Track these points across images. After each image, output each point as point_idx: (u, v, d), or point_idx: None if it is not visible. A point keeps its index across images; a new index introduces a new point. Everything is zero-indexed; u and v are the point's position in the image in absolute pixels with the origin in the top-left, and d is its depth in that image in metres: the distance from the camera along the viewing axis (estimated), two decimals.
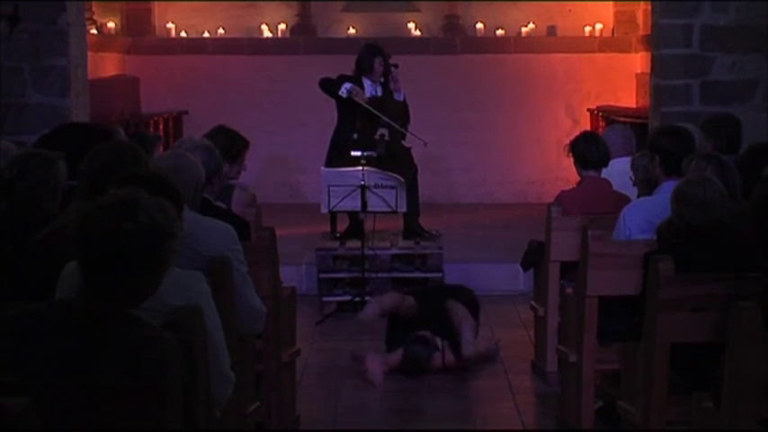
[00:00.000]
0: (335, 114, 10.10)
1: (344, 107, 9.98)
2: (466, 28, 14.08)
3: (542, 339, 7.29)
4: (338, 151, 9.91)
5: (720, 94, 9.15)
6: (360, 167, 9.01)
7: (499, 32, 13.90)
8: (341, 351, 7.97)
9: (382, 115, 9.84)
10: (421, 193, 10.31)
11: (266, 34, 14.06)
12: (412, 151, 10.20)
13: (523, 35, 13.93)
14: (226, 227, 4.85)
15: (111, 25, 13.52)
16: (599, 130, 11.40)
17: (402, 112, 10.08)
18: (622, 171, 6.93)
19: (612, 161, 7.09)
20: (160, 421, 3.05)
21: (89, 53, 9.60)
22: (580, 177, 7.10)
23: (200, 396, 3.42)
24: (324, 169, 9.34)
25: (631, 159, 6.83)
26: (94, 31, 12.29)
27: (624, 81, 13.66)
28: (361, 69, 10.01)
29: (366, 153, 9.46)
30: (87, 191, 4.49)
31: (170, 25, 14.07)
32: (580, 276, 5.85)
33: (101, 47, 12.57)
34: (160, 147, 7.14)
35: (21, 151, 5.39)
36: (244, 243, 5.01)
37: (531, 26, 13.95)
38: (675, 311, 4.79)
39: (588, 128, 12.60)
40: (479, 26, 13.98)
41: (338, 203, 9.01)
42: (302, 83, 12.19)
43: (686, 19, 9.16)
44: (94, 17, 12.55)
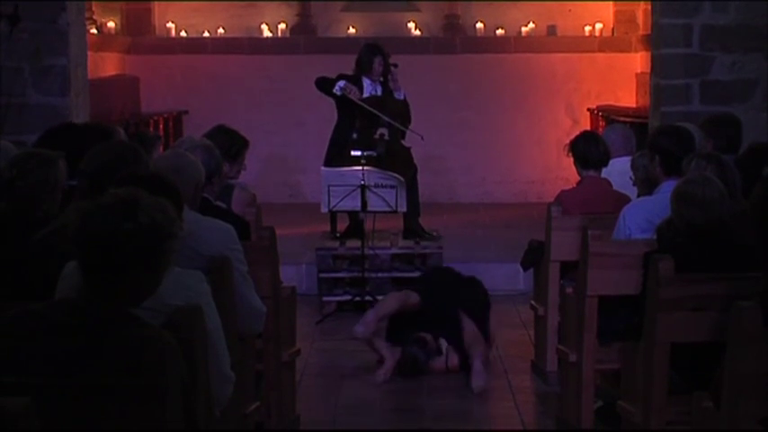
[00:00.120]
0: (335, 114, 10.09)
1: (344, 106, 9.97)
2: (466, 28, 14.08)
3: (542, 339, 7.29)
4: (338, 151, 9.90)
5: (720, 94, 9.15)
6: (360, 167, 9.01)
7: (499, 32, 13.90)
8: (341, 351, 7.97)
9: (382, 114, 9.84)
10: (421, 193, 10.29)
11: (266, 34, 14.05)
12: (412, 151, 10.19)
13: (523, 35, 13.93)
14: (226, 226, 4.84)
15: (111, 25, 13.52)
16: (599, 130, 11.39)
17: (402, 111, 10.06)
18: (622, 171, 6.93)
19: (612, 161, 7.09)
20: (160, 421, 3.05)
21: (89, 53, 9.59)
22: (580, 177, 7.10)
23: (200, 396, 3.42)
24: (324, 169, 9.33)
25: (631, 159, 6.83)
26: (94, 31, 12.29)
27: (624, 81, 13.66)
28: (360, 69, 10.01)
29: (366, 153, 9.44)
30: (87, 191, 4.49)
31: (170, 25, 14.07)
32: (580, 276, 5.85)
33: (101, 46, 12.56)
34: (160, 146, 7.13)
35: (20, 151, 5.39)
36: (244, 243, 5.01)
37: (531, 26, 13.95)
38: (675, 311, 4.78)
39: (588, 127, 12.60)
40: (479, 26, 13.98)
41: (338, 203, 9.01)
42: (302, 83, 12.14)
43: (686, 19, 9.16)
44: (94, 17, 12.55)
